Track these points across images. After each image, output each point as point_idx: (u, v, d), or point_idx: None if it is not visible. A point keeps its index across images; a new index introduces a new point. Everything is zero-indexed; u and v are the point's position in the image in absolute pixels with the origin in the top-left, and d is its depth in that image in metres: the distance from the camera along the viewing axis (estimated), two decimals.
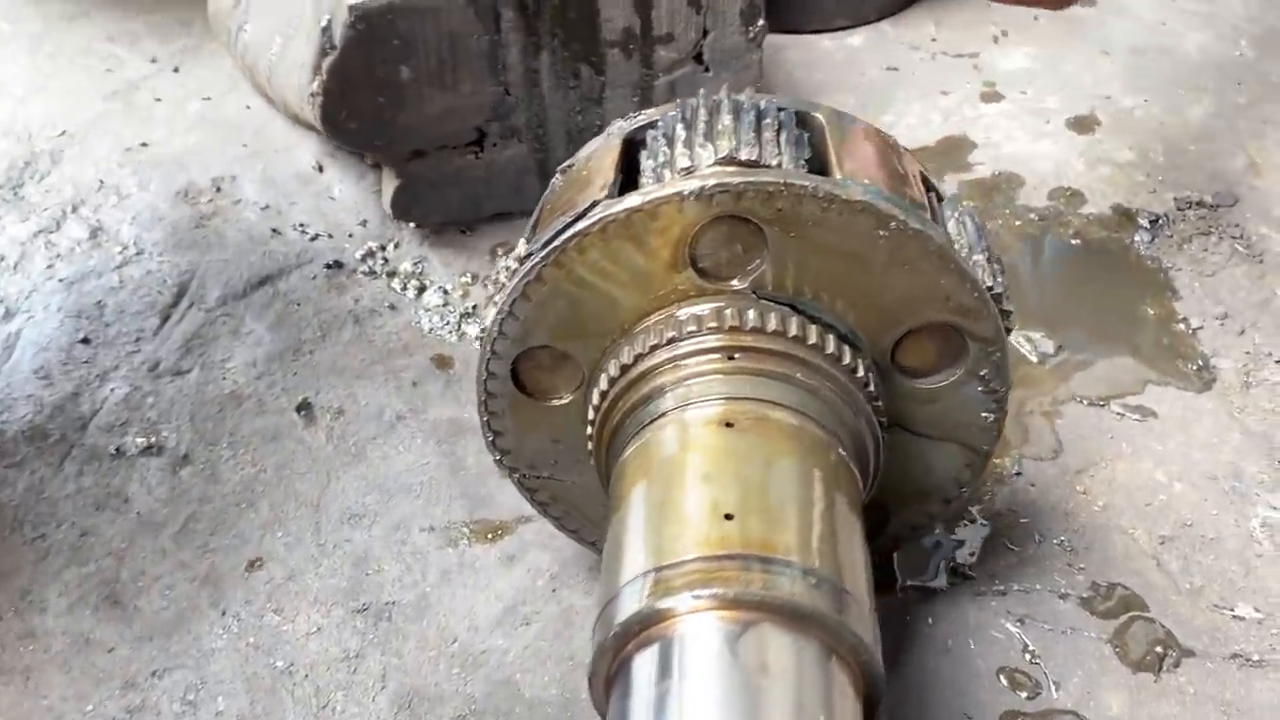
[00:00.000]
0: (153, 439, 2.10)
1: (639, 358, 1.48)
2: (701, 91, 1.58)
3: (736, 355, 1.43)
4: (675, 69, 2.37)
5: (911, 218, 1.42)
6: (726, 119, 1.49)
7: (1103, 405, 2.17)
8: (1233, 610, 1.85)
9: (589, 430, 1.55)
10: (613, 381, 1.50)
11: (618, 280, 1.48)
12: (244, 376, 2.23)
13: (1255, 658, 1.79)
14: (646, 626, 1.20)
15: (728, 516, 1.23)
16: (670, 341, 1.46)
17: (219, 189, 2.67)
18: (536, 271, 1.48)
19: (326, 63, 2.22)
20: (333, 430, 2.14)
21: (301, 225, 2.57)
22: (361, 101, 2.26)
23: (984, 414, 1.58)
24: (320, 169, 2.71)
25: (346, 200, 2.63)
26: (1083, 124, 2.90)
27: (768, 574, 1.18)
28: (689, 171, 1.44)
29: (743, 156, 1.42)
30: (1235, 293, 2.41)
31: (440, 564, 1.91)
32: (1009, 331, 1.54)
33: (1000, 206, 2.62)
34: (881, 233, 1.42)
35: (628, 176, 1.56)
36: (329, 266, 2.46)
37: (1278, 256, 2.50)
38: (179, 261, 2.47)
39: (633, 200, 1.42)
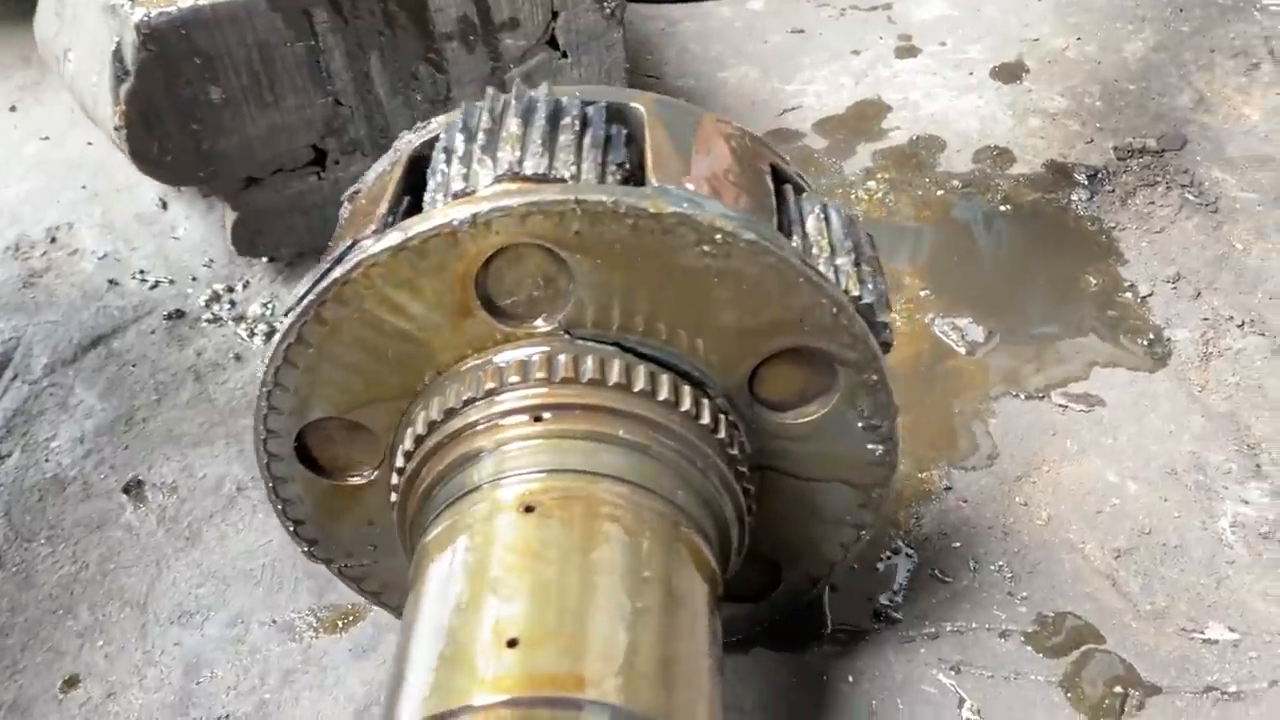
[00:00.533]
0: None
1: (434, 425, 1.20)
2: (490, 91, 1.29)
3: (545, 415, 1.16)
4: (527, 57, 2.08)
5: (743, 226, 1.14)
6: (513, 124, 1.21)
7: (1042, 397, 1.90)
8: (1204, 633, 1.59)
9: (394, 514, 1.28)
10: (408, 456, 1.23)
11: (399, 334, 1.20)
12: (69, 456, 1.96)
13: (1232, 689, 1.52)
14: None
15: (511, 643, 0.96)
16: (467, 404, 1.19)
17: (54, 239, 2.39)
18: (296, 332, 1.20)
19: (123, 91, 1.94)
20: (165, 511, 1.86)
21: (141, 272, 2.29)
22: (171, 131, 1.98)
23: (869, 447, 1.31)
24: (164, 206, 2.43)
25: (192, 238, 2.35)
26: (1009, 72, 2.61)
27: None
28: (465, 194, 1.16)
29: (527, 170, 1.14)
30: (1188, 249, 2.13)
31: (282, 663, 1.64)
32: (887, 348, 1.27)
33: (919, 176, 2.33)
34: (706, 248, 1.14)
35: (416, 201, 1.28)
36: (169, 317, 2.19)
37: (1234, 203, 2.21)
38: (4, 328, 2.19)
39: (393, 238, 1.14)
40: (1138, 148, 2.32)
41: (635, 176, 1.24)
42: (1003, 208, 2.24)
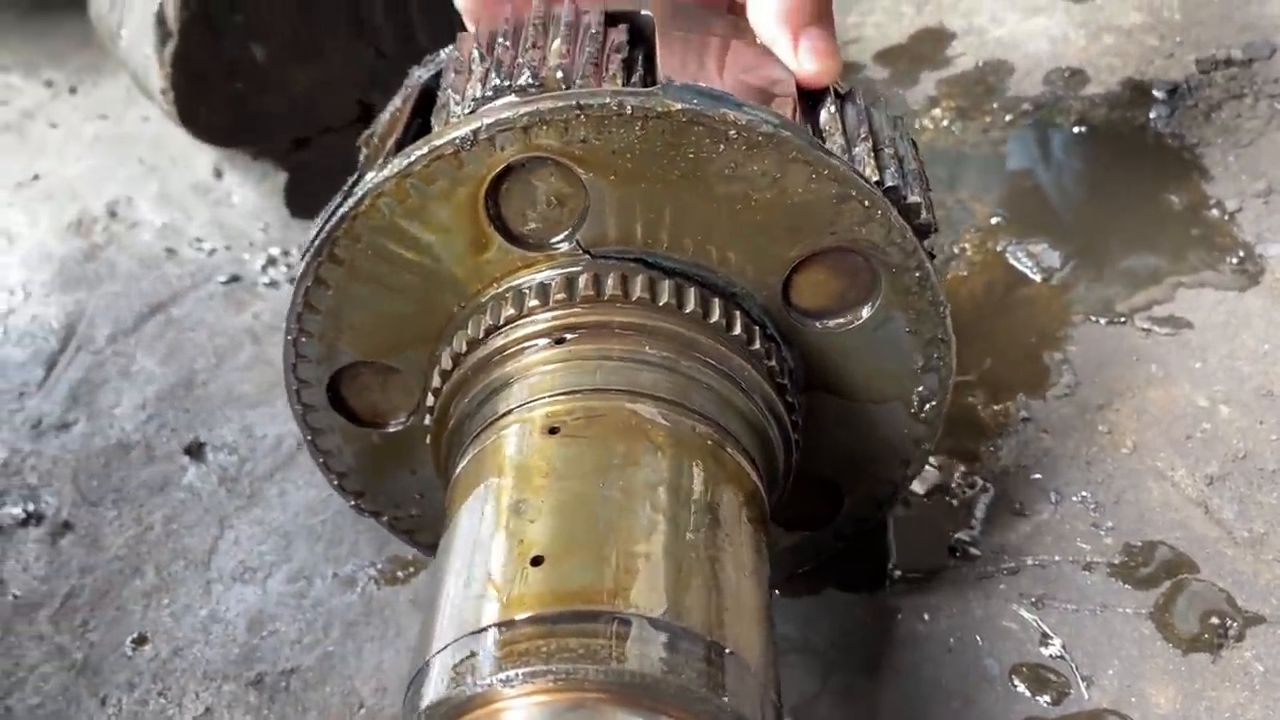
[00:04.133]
0: (32, 507, 1.85)
1: (459, 359, 1.16)
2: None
3: (568, 336, 1.11)
4: None
5: (763, 118, 1.07)
6: (532, 33, 1.15)
7: (1124, 322, 1.79)
8: None
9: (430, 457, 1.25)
10: (436, 393, 1.19)
11: (416, 268, 1.16)
12: (131, 422, 1.96)
13: None
14: (455, 716, 0.89)
15: (536, 561, 0.91)
16: (488, 334, 1.14)
17: (114, 214, 2.41)
18: (313, 274, 1.16)
19: (168, 53, 1.94)
20: (226, 471, 1.86)
21: (198, 240, 2.30)
22: (217, 92, 1.98)
23: (920, 352, 1.23)
24: (219, 175, 2.44)
25: (247, 205, 2.35)
26: None
27: (587, 637, 0.86)
28: (471, 114, 1.11)
29: (521, 80, 1.08)
30: (1279, 163, 1.99)
31: (345, 616, 1.63)
32: (926, 232, 1.18)
33: (986, 101, 2.22)
34: (721, 147, 1.07)
35: (427, 132, 1.23)
36: (226, 282, 2.19)
37: None
38: (67, 301, 2.21)
39: (396, 164, 1.10)
40: (1222, 59, 2.17)
41: (646, 82, 1.17)
42: (1076, 129, 2.12)
